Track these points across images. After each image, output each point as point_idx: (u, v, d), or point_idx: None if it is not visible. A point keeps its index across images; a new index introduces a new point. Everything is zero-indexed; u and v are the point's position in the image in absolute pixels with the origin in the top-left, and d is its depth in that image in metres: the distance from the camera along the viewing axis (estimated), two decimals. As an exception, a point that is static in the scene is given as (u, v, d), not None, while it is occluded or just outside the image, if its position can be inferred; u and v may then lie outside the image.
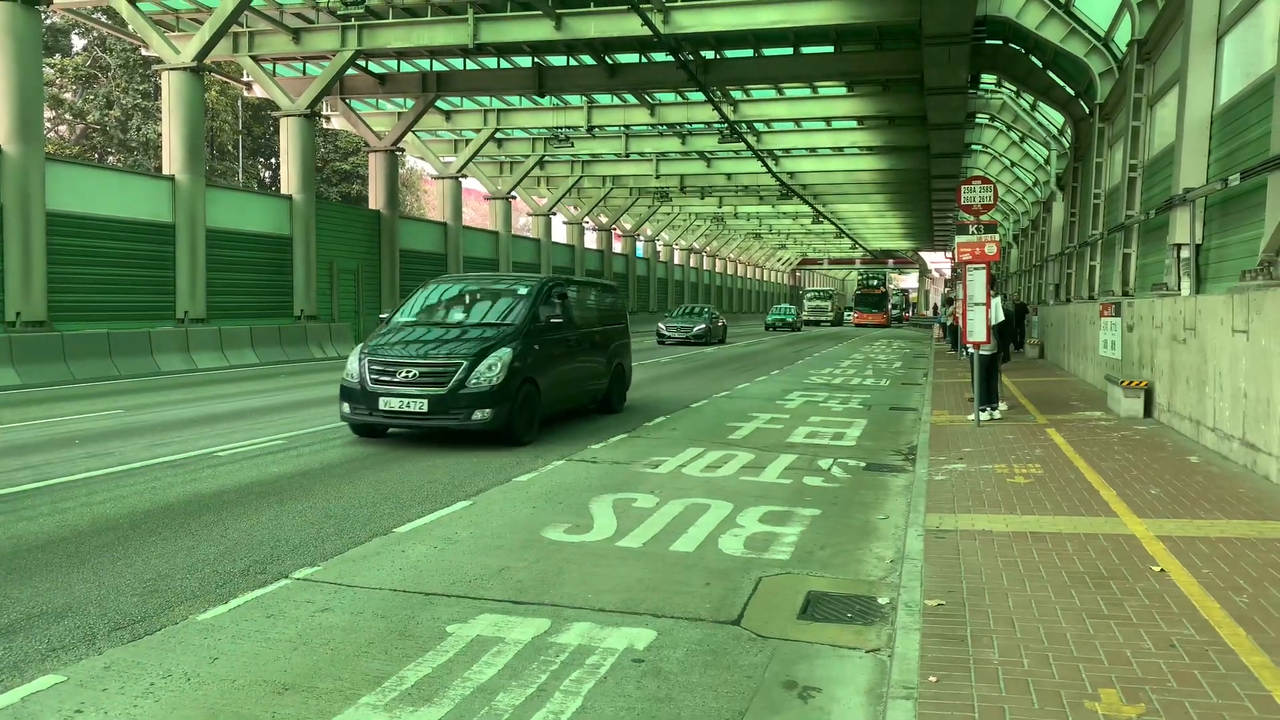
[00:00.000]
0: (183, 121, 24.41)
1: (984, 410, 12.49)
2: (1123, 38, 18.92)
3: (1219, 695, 3.82)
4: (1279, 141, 9.56)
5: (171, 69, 24.35)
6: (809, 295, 76.59)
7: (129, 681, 4.23)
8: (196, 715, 3.90)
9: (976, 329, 12.16)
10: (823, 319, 69.34)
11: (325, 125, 37.09)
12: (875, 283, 74.16)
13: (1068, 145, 27.42)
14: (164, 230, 24.17)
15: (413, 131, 35.33)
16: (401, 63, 30.95)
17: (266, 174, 57.62)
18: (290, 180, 28.65)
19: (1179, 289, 13.41)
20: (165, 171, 24.64)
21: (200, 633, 4.83)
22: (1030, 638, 4.48)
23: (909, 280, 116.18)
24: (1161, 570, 5.56)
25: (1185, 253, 13.34)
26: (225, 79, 37.92)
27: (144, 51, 28.90)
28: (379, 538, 6.72)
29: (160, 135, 27.91)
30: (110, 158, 48.09)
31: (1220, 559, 5.78)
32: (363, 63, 30.37)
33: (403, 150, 35.85)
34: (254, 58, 28.13)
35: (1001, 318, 13.06)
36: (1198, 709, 3.69)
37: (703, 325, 35.57)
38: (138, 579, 5.72)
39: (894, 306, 78.15)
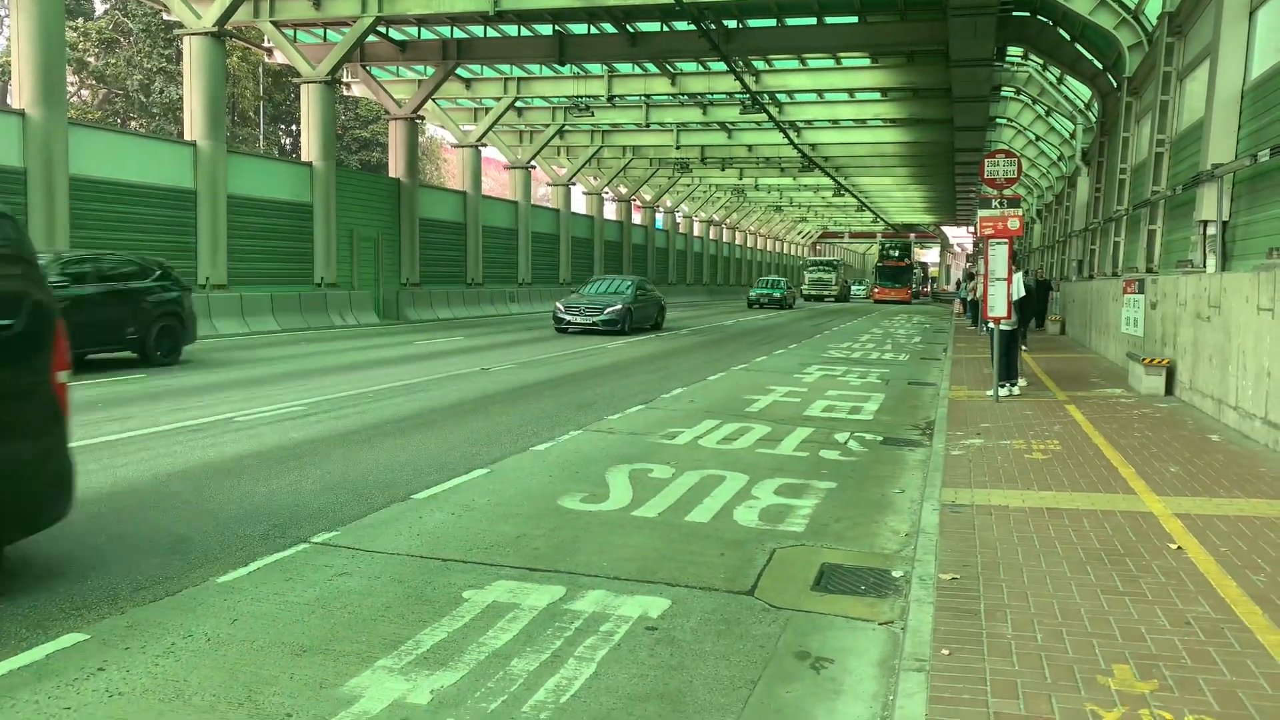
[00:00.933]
0: (204, 87, 24.44)
1: (1003, 386, 12.43)
2: (1153, 10, 18.58)
3: (1234, 673, 3.81)
4: (1311, 117, 9.40)
5: (193, 34, 24.34)
6: (809, 266, 70.00)
7: (150, 640, 4.30)
8: (216, 675, 3.96)
9: (997, 304, 12.07)
10: (826, 294, 62.72)
11: (346, 92, 37.03)
12: (898, 254, 67.12)
13: (1094, 119, 27.03)
14: (186, 196, 24.26)
15: (433, 99, 35.21)
16: (422, 29, 30.81)
17: (287, 141, 57.67)
18: (311, 147, 28.67)
19: (1204, 266, 13.25)
20: (187, 137, 24.71)
21: (220, 594, 4.90)
22: (1044, 613, 4.48)
23: (929, 255, 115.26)
24: (1179, 548, 5.53)
25: (1212, 229, 13.18)
26: (246, 44, 37.87)
27: (165, 16, 28.90)
28: (397, 504, 6.78)
29: (182, 99, 27.94)
30: (133, 122, 48.25)
31: (1239, 537, 5.74)
32: (383, 29, 30.23)
33: (423, 118, 35.75)
34: (275, 23, 28.04)
35: (1023, 293, 12.95)
36: (1212, 686, 3.69)
37: (618, 306, 24.72)
38: (159, 541, 5.80)
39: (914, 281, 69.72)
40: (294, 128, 55.37)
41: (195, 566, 5.34)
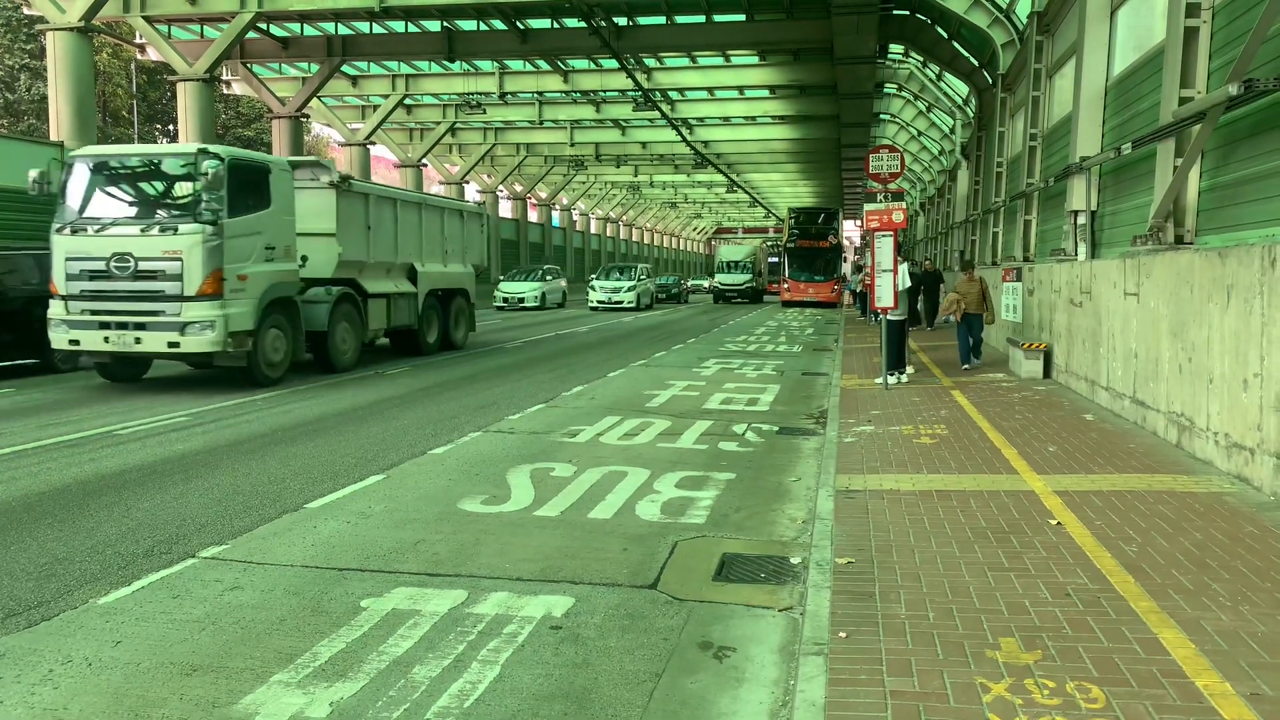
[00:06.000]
0: (70, 85, 23.16)
1: (892, 374, 12.80)
2: (1023, 9, 19.39)
3: (1110, 640, 4.02)
4: (1168, 111, 9.95)
5: (56, 29, 23.06)
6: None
7: (25, 669, 4.07)
8: (99, 701, 3.78)
9: (884, 295, 12.43)
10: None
11: (225, 91, 35.66)
12: (819, 228, 42.09)
13: (972, 115, 28.08)
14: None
15: (318, 97, 34.21)
16: (305, 26, 29.90)
17: (164, 141, 55.30)
18: (189, 148, 27.50)
19: (1076, 254, 13.92)
20: (53, 138, 23.41)
21: (102, 616, 4.68)
22: (935, 592, 4.64)
23: None
24: (1058, 524, 5.80)
25: (1081, 219, 13.85)
26: (117, 40, 36.10)
27: (26, 10, 27.34)
28: (289, 514, 6.58)
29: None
30: (-8, 123, 45.50)
31: (1112, 511, 6.06)
32: (264, 25, 29.24)
33: (308, 117, 34.70)
34: (147, 18, 26.76)
35: (908, 283, 13.37)
36: (1090, 653, 3.88)
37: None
38: (33, 563, 5.49)
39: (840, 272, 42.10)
40: (171, 127, 53.21)
41: (73, 588, 5.08)
